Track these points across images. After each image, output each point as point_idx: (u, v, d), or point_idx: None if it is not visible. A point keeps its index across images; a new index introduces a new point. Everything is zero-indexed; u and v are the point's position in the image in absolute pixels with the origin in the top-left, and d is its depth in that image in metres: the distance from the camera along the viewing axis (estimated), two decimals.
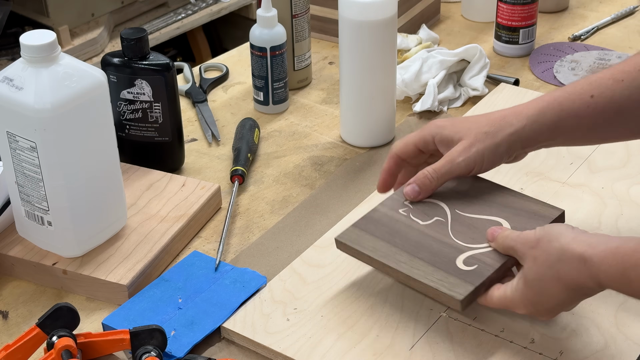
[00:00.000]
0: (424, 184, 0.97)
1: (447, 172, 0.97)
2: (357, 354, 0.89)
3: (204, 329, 0.93)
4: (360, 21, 1.16)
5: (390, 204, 0.99)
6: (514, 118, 0.96)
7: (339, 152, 1.24)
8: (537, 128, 0.96)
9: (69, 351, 0.85)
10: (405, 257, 0.92)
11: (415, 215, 0.97)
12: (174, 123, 1.17)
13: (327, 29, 1.51)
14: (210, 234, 1.09)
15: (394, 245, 0.93)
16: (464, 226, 0.95)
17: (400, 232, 0.95)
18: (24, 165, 0.96)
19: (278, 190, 1.17)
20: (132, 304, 0.96)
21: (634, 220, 1.05)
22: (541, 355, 0.89)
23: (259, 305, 0.96)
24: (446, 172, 0.97)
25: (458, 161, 0.96)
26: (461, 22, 1.59)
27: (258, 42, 1.28)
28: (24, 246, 1.03)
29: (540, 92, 1.33)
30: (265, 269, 1.03)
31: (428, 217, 0.97)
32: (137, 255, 1.01)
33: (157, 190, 1.12)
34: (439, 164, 0.97)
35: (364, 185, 1.17)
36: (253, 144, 1.22)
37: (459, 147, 0.96)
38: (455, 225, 0.96)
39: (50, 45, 0.93)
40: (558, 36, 1.53)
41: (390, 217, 0.97)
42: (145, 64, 1.13)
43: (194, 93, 1.37)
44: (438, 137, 0.98)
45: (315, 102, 1.36)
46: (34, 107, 0.92)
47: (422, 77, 1.32)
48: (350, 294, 0.97)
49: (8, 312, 0.98)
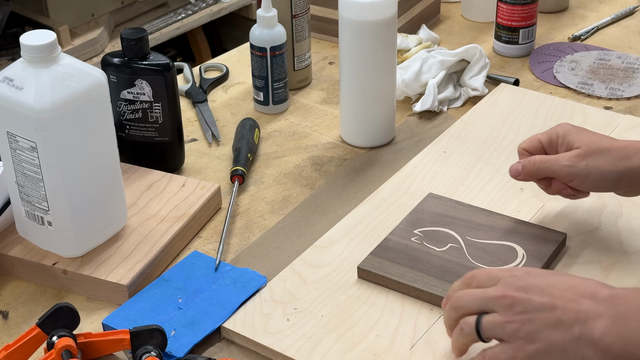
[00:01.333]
0: (525, 167, 1.00)
1: (549, 167, 0.99)
2: (357, 354, 0.89)
3: (204, 329, 0.93)
4: (360, 21, 1.16)
5: (401, 233, 1.02)
6: (635, 153, 0.96)
7: (339, 152, 1.24)
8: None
9: (69, 351, 0.85)
10: (435, 281, 0.95)
11: (429, 243, 1.01)
12: (174, 123, 1.17)
13: (327, 29, 1.51)
14: (210, 234, 1.09)
15: (419, 270, 0.97)
16: (479, 251, 0.99)
17: (420, 259, 0.98)
18: (24, 165, 0.96)
19: (278, 190, 1.17)
20: (132, 304, 0.96)
21: (634, 220, 1.05)
22: None
23: (259, 305, 0.96)
24: (549, 167, 0.99)
25: (562, 164, 0.98)
26: (461, 22, 1.59)
27: (258, 42, 1.28)
28: (24, 246, 1.03)
29: (540, 92, 1.33)
30: (265, 269, 1.03)
31: (442, 244, 1.00)
32: (137, 255, 1.01)
33: (157, 190, 1.12)
34: (547, 156, 0.99)
35: (364, 185, 1.17)
36: (253, 144, 1.22)
37: (573, 153, 0.98)
38: (470, 250, 0.99)
39: (50, 45, 0.93)
40: (558, 36, 1.53)
41: (405, 245, 1.00)
42: (145, 64, 1.13)
43: (194, 93, 1.37)
44: (562, 138, 1.00)
45: (315, 102, 1.36)
46: (34, 107, 0.92)
47: (422, 77, 1.32)
48: (350, 294, 0.97)
49: (8, 312, 0.98)
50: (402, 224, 1.04)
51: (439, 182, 1.14)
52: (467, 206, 1.06)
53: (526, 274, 0.82)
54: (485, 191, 1.11)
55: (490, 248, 1.00)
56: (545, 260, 0.97)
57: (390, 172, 1.18)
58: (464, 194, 1.11)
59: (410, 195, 1.11)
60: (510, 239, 1.01)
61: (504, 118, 1.26)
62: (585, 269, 0.98)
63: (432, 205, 1.07)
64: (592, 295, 0.78)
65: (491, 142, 1.21)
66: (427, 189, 1.12)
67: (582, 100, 1.33)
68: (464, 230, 1.02)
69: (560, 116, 1.26)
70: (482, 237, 1.01)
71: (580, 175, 0.97)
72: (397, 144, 1.25)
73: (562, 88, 1.37)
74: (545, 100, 1.30)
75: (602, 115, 1.26)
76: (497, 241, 1.01)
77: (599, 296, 0.78)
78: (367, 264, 0.98)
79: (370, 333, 0.91)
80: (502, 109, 1.28)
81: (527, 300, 0.79)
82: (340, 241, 1.04)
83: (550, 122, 1.24)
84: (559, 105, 1.29)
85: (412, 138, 1.26)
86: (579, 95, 1.35)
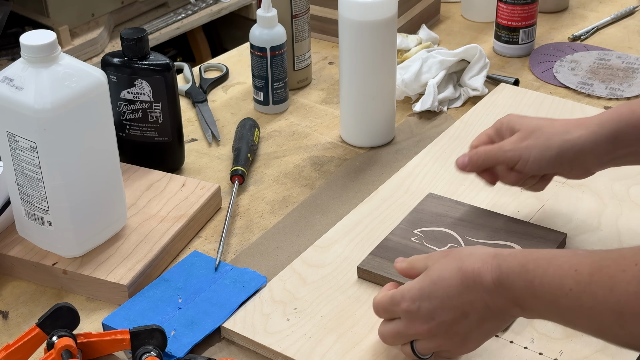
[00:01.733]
0: (471, 158, 1.00)
1: (493, 156, 0.99)
2: (357, 354, 0.89)
3: (204, 329, 0.93)
4: (360, 21, 1.16)
5: (401, 233, 1.02)
6: (574, 127, 0.96)
7: (339, 152, 1.24)
8: (594, 139, 0.95)
9: (69, 351, 0.85)
10: None
11: (429, 243, 1.01)
12: (174, 123, 1.17)
13: (327, 29, 1.51)
14: (210, 234, 1.09)
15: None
16: None
17: None
18: (24, 165, 0.96)
19: (278, 190, 1.17)
20: (132, 304, 0.96)
21: (633, 220, 1.05)
22: (541, 355, 0.89)
23: (259, 305, 0.96)
24: (492, 155, 0.99)
25: (505, 149, 0.98)
26: (461, 22, 1.59)
27: (258, 42, 1.28)
28: (24, 246, 1.03)
29: (540, 92, 1.33)
30: (265, 269, 1.03)
31: (442, 244, 1.01)
32: (137, 255, 1.01)
33: (157, 190, 1.12)
34: (489, 146, 1.00)
35: (364, 185, 1.17)
36: (253, 144, 1.22)
37: (513, 137, 0.98)
38: None
39: (50, 46, 0.93)
40: (558, 36, 1.53)
41: (405, 244, 1.01)
42: (145, 64, 1.13)
43: (194, 93, 1.37)
44: (505, 125, 1.00)
45: (315, 102, 1.36)
46: (34, 107, 0.92)
47: (422, 77, 1.32)
48: (350, 294, 0.97)
49: (8, 312, 0.98)
50: (402, 224, 1.04)
51: (439, 182, 1.14)
52: (467, 206, 1.07)
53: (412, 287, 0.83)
54: (485, 191, 1.11)
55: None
56: None
57: (390, 172, 1.18)
58: (464, 194, 1.11)
59: (410, 195, 1.12)
60: (510, 239, 1.01)
61: None
62: None
63: (432, 205, 1.07)
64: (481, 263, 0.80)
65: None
66: (427, 189, 1.12)
67: (582, 100, 1.33)
68: (464, 230, 1.02)
69: (560, 116, 1.25)
70: (482, 237, 1.01)
71: (522, 156, 0.97)
72: (397, 144, 1.25)
73: (562, 88, 1.37)
74: (545, 100, 1.30)
75: None
76: (497, 241, 1.01)
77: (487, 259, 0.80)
78: (367, 264, 0.98)
79: (370, 333, 0.91)
80: (502, 109, 1.28)
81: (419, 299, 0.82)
82: (340, 241, 1.04)
83: None
84: (559, 105, 1.29)
85: (412, 138, 1.26)
86: (579, 95, 1.35)
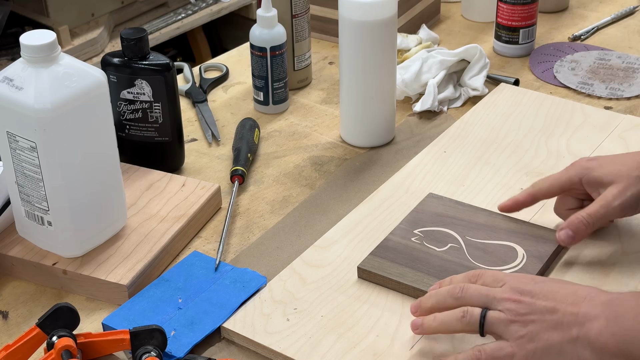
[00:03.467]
0: (578, 229, 0.97)
1: (603, 216, 0.97)
2: (357, 354, 0.89)
3: (204, 329, 0.93)
4: (360, 21, 1.16)
5: (401, 233, 1.02)
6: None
7: (339, 152, 1.24)
8: None
9: (69, 351, 0.85)
10: (435, 281, 0.94)
11: (429, 243, 1.01)
12: (174, 123, 1.17)
13: (327, 29, 1.51)
14: (210, 234, 1.09)
15: (419, 270, 0.97)
16: (479, 250, 0.99)
17: (420, 259, 0.98)
18: (24, 165, 0.96)
19: (278, 190, 1.17)
20: (132, 304, 0.96)
21: (634, 220, 1.05)
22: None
23: (259, 305, 0.96)
24: (602, 216, 0.97)
25: (614, 205, 0.96)
26: (461, 22, 1.59)
27: (258, 42, 1.28)
28: (24, 246, 1.03)
29: (540, 92, 1.33)
30: (265, 269, 1.03)
31: (442, 244, 1.00)
32: (137, 255, 1.01)
33: (157, 190, 1.12)
34: (593, 208, 0.97)
35: (364, 185, 1.17)
36: (253, 144, 1.22)
37: (612, 190, 0.96)
38: (470, 250, 1.00)
39: (50, 45, 0.93)
40: (558, 36, 1.53)
41: (405, 245, 1.01)
42: (145, 64, 1.13)
43: (194, 93, 1.37)
44: (586, 178, 0.98)
45: (315, 102, 1.36)
46: (34, 107, 0.92)
47: (422, 77, 1.32)
48: (350, 294, 0.97)
49: (8, 312, 0.98)
50: (402, 224, 1.04)
51: (439, 182, 1.14)
52: (467, 206, 1.06)
53: (532, 280, 0.85)
54: (485, 191, 1.11)
55: (490, 248, 1.00)
56: (545, 260, 0.97)
57: (390, 172, 1.18)
58: (464, 194, 1.11)
59: (410, 195, 1.11)
60: (510, 239, 1.01)
61: (504, 118, 1.26)
62: (585, 269, 0.98)
63: (432, 205, 1.07)
64: (591, 299, 0.81)
65: (491, 142, 1.21)
66: (427, 189, 1.12)
67: (582, 100, 1.33)
68: (464, 230, 1.02)
69: (561, 116, 1.26)
70: (482, 237, 1.01)
71: (631, 206, 0.96)
72: (397, 144, 1.25)
73: (562, 88, 1.37)
74: (546, 100, 1.30)
75: (602, 115, 1.26)
76: (497, 241, 1.01)
77: (597, 300, 0.81)
78: (367, 264, 0.98)
79: (370, 333, 0.91)
80: (502, 109, 1.28)
81: (532, 304, 0.82)
82: (340, 241, 1.04)
83: (550, 122, 1.24)
84: (559, 105, 1.29)
85: (412, 138, 1.26)
86: (579, 95, 1.35)
